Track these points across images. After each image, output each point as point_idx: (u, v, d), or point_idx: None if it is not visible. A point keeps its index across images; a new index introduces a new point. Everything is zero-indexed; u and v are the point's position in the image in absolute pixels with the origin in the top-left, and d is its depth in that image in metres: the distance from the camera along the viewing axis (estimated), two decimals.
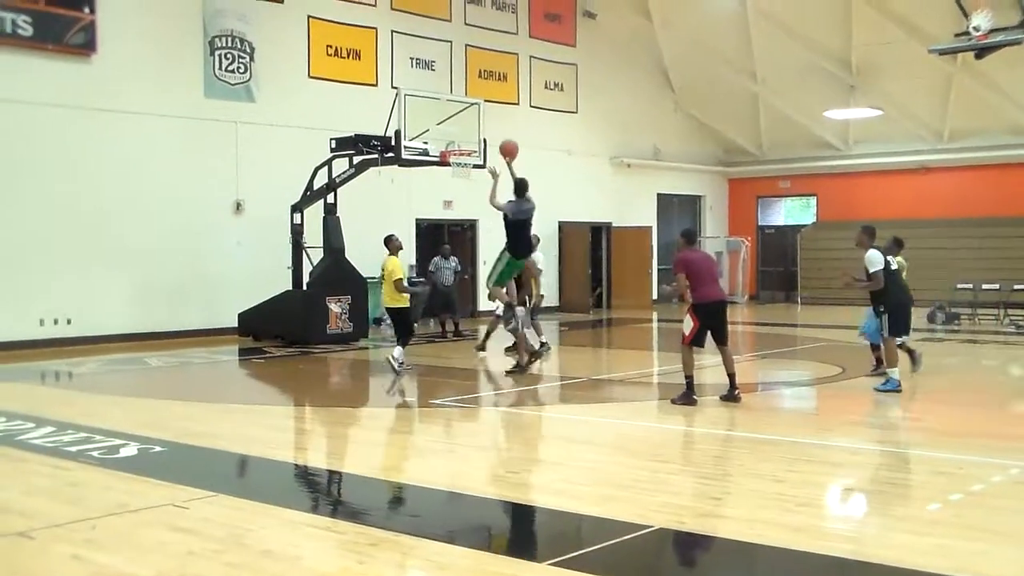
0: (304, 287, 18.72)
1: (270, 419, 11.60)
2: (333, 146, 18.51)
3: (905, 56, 25.03)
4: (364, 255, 19.50)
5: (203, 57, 19.78)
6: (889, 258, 12.31)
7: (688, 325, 11.64)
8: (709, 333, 11.68)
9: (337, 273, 18.61)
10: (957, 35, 19.36)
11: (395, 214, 22.35)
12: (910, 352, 13.62)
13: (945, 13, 20.29)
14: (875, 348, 13.48)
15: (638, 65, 29.25)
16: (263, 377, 15.99)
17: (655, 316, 26.31)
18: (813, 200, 31.83)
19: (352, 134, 18.26)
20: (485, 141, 18.67)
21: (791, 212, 32.74)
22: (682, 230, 12.99)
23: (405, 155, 17.86)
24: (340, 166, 18.64)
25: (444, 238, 22.77)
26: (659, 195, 30.55)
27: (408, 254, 19.39)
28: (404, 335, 14.67)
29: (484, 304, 21.76)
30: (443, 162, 18.30)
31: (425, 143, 18.09)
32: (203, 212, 19.67)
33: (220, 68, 20.02)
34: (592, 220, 27.75)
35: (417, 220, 23.07)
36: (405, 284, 14.60)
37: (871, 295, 12.45)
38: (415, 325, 15.77)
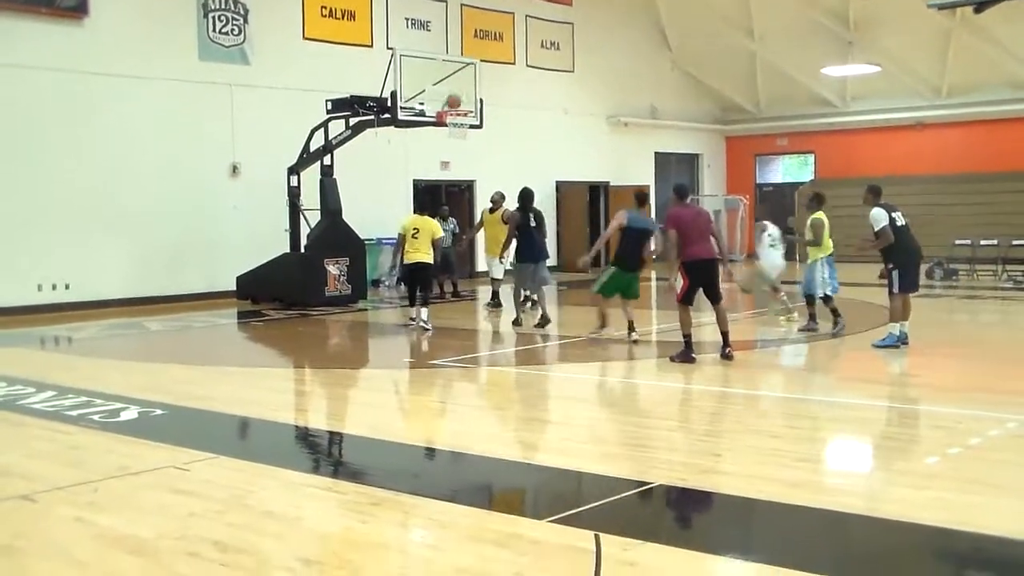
0: (302, 249, 18.69)
1: (270, 381, 11.63)
2: (329, 108, 18.42)
3: (903, 11, 24.86)
4: (361, 217, 19.49)
5: (196, 19, 19.64)
6: (895, 215, 12.21)
7: (679, 283, 11.61)
8: (702, 291, 11.66)
9: (335, 235, 18.57)
10: None
11: (392, 175, 22.33)
12: (835, 312, 13.78)
13: None
14: (810, 303, 13.81)
15: (634, 23, 29.07)
16: (262, 340, 16.00)
17: (653, 274, 26.28)
18: (811, 158, 31.72)
19: (348, 95, 18.17)
20: (482, 101, 18.61)
21: (789, 170, 32.65)
22: (674, 184, 12.86)
23: (401, 116, 17.78)
24: (336, 128, 18.56)
25: (441, 199, 22.71)
26: (656, 154, 30.44)
27: (406, 215, 19.24)
28: (426, 291, 15.27)
29: (481, 265, 21.74)
30: (440, 123, 18.24)
31: (421, 104, 18.02)
32: (199, 176, 19.61)
33: (214, 31, 19.88)
34: (589, 179, 27.68)
35: (414, 181, 23.00)
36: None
37: (881, 252, 12.36)
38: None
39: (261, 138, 20.13)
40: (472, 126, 18.61)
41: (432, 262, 15.17)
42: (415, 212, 16.69)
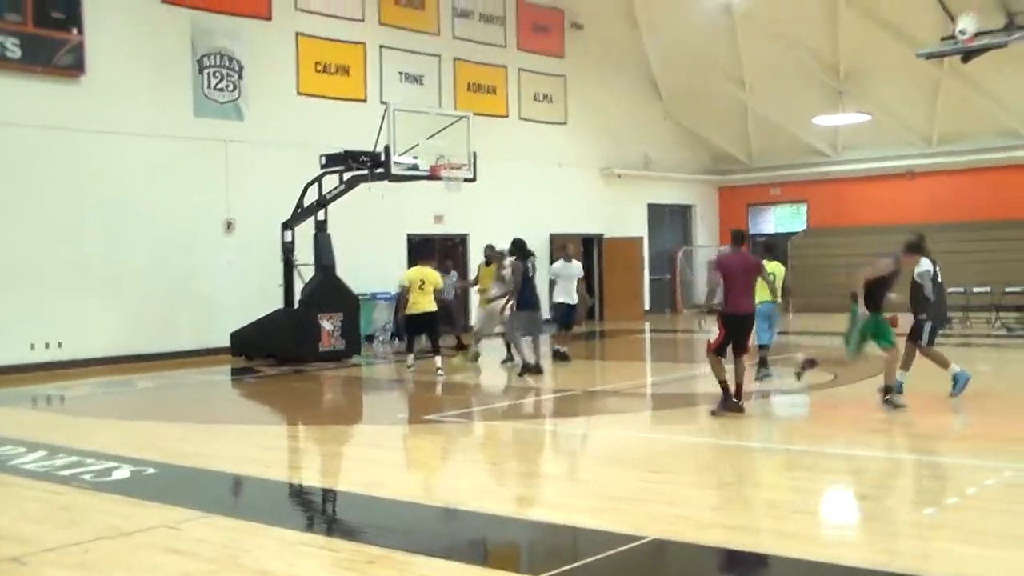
0: (296, 305, 18.66)
1: (263, 438, 11.56)
2: (323, 162, 18.48)
3: (893, 61, 25.10)
4: (356, 272, 19.48)
5: (192, 76, 19.76)
6: (937, 268, 12.15)
7: (714, 333, 11.42)
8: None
9: (328, 290, 18.55)
10: (944, 39, 19.46)
11: (386, 230, 22.36)
12: (764, 360, 14.11)
13: (932, 17, 20.39)
14: (762, 348, 14.01)
15: (626, 75, 29.29)
16: (256, 396, 15.94)
17: (647, 326, 26.31)
18: (803, 207, 31.85)
19: (342, 150, 18.25)
20: (475, 154, 18.69)
21: (782, 219, 32.76)
22: (732, 230, 12.33)
23: (395, 170, 17.82)
24: (330, 182, 18.62)
25: (435, 253, 22.72)
26: (650, 205, 30.55)
27: (400, 269, 19.20)
28: (436, 338, 16.37)
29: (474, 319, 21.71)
30: (433, 176, 18.31)
31: (415, 158, 18.08)
32: (193, 231, 19.62)
33: (209, 87, 20.01)
34: (583, 231, 27.73)
35: (408, 235, 23.04)
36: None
37: (915, 303, 12.18)
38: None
39: (255, 193, 20.18)
40: (466, 179, 18.69)
41: (433, 310, 16.10)
42: (415, 264, 16.98)
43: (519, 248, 16.19)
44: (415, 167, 18.11)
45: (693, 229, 32.36)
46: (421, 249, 18.49)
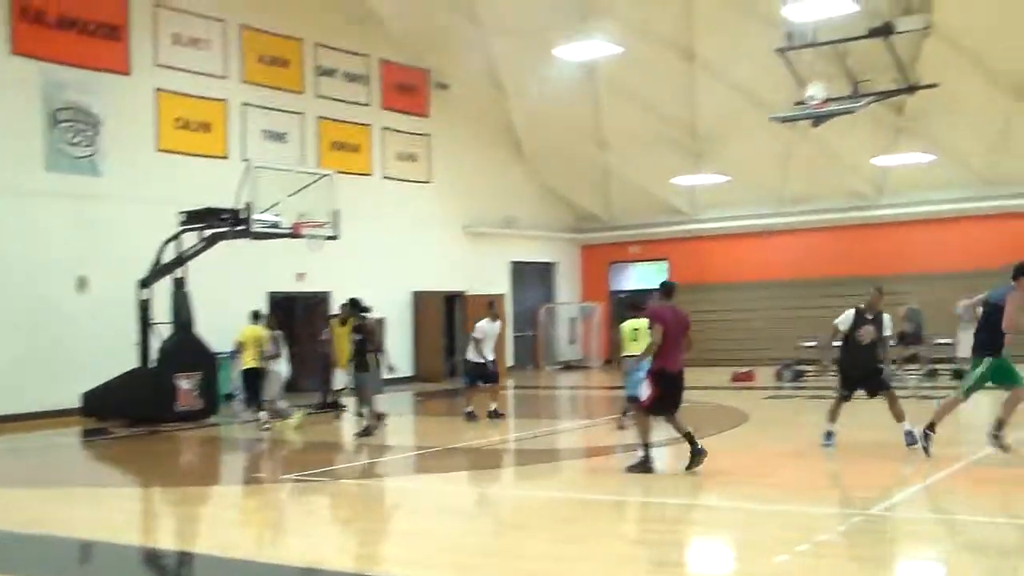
0: (152, 364, 18.17)
1: (113, 501, 11.15)
2: (183, 219, 18.15)
3: (748, 124, 25.89)
4: (216, 330, 19.06)
5: (43, 130, 19.22)
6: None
7: (646, 392, 10.95)
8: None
9: (186, 348, 18.16)
10: (796, 104, 20.20)
11: (247, 287, 21.95)
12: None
13: (784, 83, 21.12)
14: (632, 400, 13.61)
15: (490, 134, 29.58)
16: (107, 458, 15.41)
17: (511, 383, 26.38)
18: (664, 265, 32.46)
19: (202, 207, 17.94)
20: (338, 212, 18.60)
21: (643, 277, 33.28)
22: (662, 281, 11.72)
23: (256, 228, 17.61)
24: (191, 239, 18.26)
25: (297, 311, 22.44)
26: (513, 263, 30.80)
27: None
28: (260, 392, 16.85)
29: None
30: (295, 234, 18.16)
31: (277, 215, 17.90)
32: (43, 290, 18.93)
33: (63, 141, 19.49)
34: (446, 289, 27.75)
35: (270, 293, 22.68)
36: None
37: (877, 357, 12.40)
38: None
39: (111, 251, 19.62)
40: (328, 237, 18.58)
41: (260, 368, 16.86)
42: (252, 323, 17.48)
43: (356, 306, 16.26)
44: (276, 224, 17.94)
45: (555, 286, 32.70)
46: (258, 312, 18.09)
